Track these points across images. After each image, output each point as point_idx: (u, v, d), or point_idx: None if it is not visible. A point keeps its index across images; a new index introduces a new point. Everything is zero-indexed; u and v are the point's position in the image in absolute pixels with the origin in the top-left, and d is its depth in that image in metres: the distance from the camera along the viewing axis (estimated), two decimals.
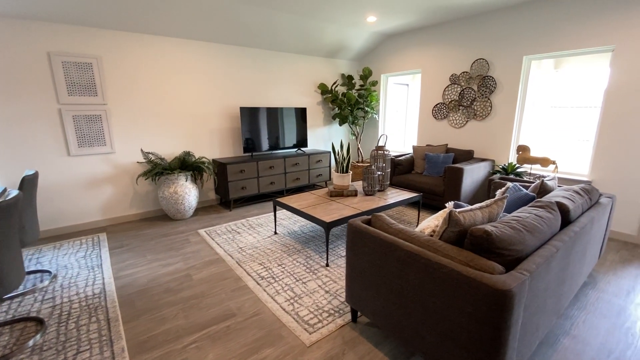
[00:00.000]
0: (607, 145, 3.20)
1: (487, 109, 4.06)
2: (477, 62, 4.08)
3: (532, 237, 1.48)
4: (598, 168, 3.28)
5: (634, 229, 3.13)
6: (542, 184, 2.25)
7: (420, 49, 4.73)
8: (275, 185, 4.49)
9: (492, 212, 1.65)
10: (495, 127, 4.04)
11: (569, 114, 4.75)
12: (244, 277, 2.49)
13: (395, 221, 1.79)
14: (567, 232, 1.66)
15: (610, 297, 2.24)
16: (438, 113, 4.64)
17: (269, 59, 4.64)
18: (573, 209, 1.86)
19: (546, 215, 1.67)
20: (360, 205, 3.02)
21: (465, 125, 4.35)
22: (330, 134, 5.68)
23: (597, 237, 2.15)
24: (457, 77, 4.32)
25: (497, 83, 3.94)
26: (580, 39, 3.24)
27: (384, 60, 5.30)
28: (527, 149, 3.41)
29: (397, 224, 1.75)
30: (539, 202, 1.82)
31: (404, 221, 3.73)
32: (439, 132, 4.69)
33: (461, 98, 4.31)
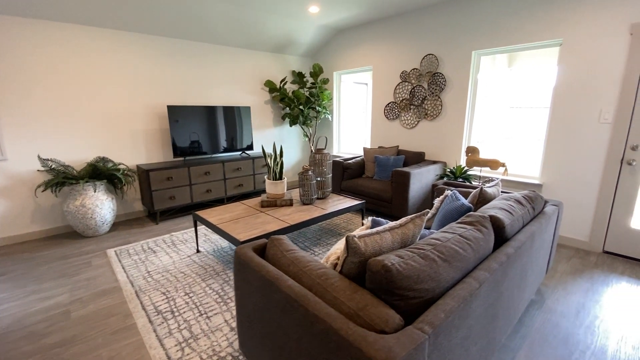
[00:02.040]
0: (557, 146, 3.00)
1: (437, 108, 3.81)
2: (426, 58, 3.82)
3: (450, 269, 1.15)
4: (548, 170, 3.08)
5: (586, 234, 2.94)
6: (481, 192, 1.95)
7: (370, 44, 4.43)
8: (212, 194, 4.02)
9: (406, 233, 1.30)
10: (446, 127, 3.79)
11: (524, 114, 4.65)
12: (136, 313, 2.02)
13: (294, 246, 1.41)
14: (498, 256, 1.34)
15: (559, 318, 1.98)
16: (390, 113, 4.35)
17: (206, 53, 4.17)
18: (510, 223, 1.56)
19: (474, 235, 1.35)
20: (292, 218, 2.63)
21: (417, 126, 4.08)
22: (282, 136, 5.27)
23: (541, 252, 1.88)
24: (407, 75, 4.04)
25: (447, 80, 3.69)
26: (529, 32, 3.04)
27: (335, 56, 4.97)
28: (476, 151, 3.17)
29: (295, 251, 1.37)
30: (469, 217, 1.50)
31: (350, 231, 3.38)
32: (391, 133, 4.40)
33: (412, 97, 4.04)
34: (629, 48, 2.54)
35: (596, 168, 2.80)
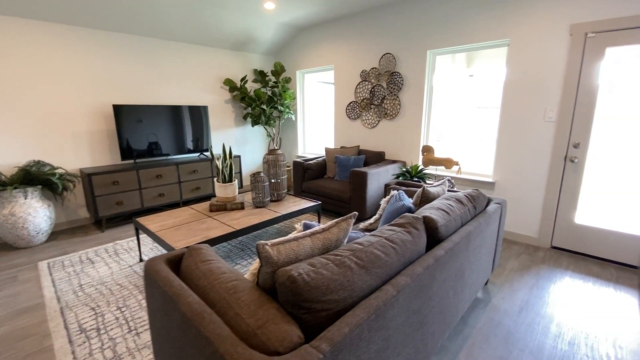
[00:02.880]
0: (507, 145, 3.06)
1: (396, 107, 3.80)
2: (384, 57, 3.80)
3: (367, 276, 1.08)
4: (500, 169, 3.13)
5: (535, 230, 3.01)
6: (424, 192, 1.92)
7: (331, 43, 4.37)
8: (166, 198, 3.81)
9: (329, 238, 1.22)
10: (404, 126, 3.79)
11: (488, 114, 4.76)
12: (56, 333, 1.83)
13: (213, 256, 1.30)
14: (426, 259, 1.29)
15: (502, 317, 1.98)
16: (351, 112, 4.31)
17: (159, 49, 3.95)
18: (444, 224, 1.52)
19: (401, 238, 1.29)
20: (240, 222, 2.51)
21: (377, 125, 4.06)
22: (245, 136, 5.11)
23: (482, 251, 1.87)
24: (367, 74, 4.02)
25: (405, 79, 3.69)
26: (478, 32, 3.07)
27: (298, 55, 4.87)
28: (431, 150, 3.17)
29: (211, 262, 1.25)
30: (402, 219, 1.45)
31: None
32: (353, 132, 4.36)
33: (372, 96, 4.01)
34: (569, 49, 2.61)
35: (543, 165, 2.87)
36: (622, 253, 2.60)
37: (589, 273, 2.50)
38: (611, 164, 2.62)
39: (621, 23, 2.35)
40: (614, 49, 2.44)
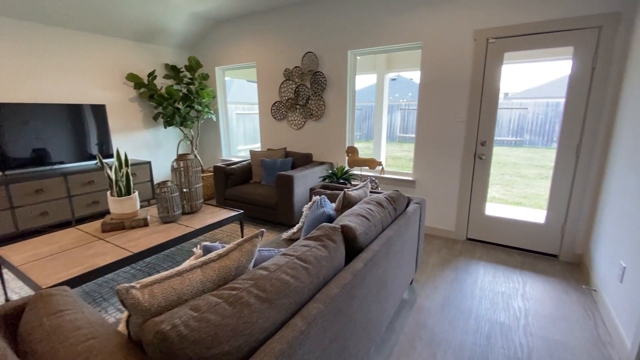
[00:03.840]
0: (424, 144, 3.17)
1: (321, 107, 3.71)
2: (307, 55, 3.68)
3: (272, 310, 0.88)
4: (420, 167, 3.25)
5: (452, 224, 3.18)
6: (345, 196, 1.81)
7: (253, 39, 4.10)
8: (51, 217, 3.12)
9: (227, 266, 1.00)
10: (330, 127, 3.72)
11: (405, 115, 5.04)
12: None
13: (71, 306, 0.96)
14: (342, 277, 1.15)
15: (427, 317, 1.98)
16: (277, 113, 4.10)
17: (39, 37, 3.21)
18: (364, 231, 1.41)
19: (315, 255, 1.12)
20: (141, 243, 2.11)
21: (304, 126, 3.93)
22: (157, 139, 4.53)
23: (404, 254, 1.83)
24: (291, 73, 3.85)
25: (328, 79, 3.61)
26: (395, 34, 3.13)
27: (216, 50, 4.48)
28: (355, 151, 3.14)
29: (68, 312, 0.92)
30: (319, 230, 1.29)
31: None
32: (280, 134, 4.16)
33: (297, 96, 3.86)
34: (474, 53, 2.79)
35: (456, 163, 3.04)
36: (522, 240, 2.88)
37: (498, 261, 2.70)
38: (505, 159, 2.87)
39: (515, 30, 2.58)
40: (511, 54, 2.66)
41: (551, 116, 10.11)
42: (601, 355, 1.65)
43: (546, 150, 9.95)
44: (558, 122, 10.01)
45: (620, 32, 2.25)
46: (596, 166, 2.49)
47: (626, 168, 1.96)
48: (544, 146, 10.41)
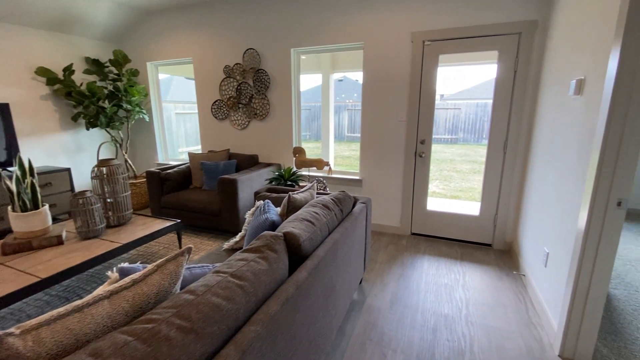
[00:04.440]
0: (369, 143, 3.21)
1: (265, 107, 3.57)
2: (248, 52, 3.51)
3: (198, 343, 0.75)
4: (366, 166, 3.28)
5: (398, 220, 3.27)
6: (290, 200, 1.71)
7: (188, 32, 3.80)
8: None
9: (144, 293, 0.84)
10: (275, 127, 3.60)
11: (353, 115, 5.08)
12: None
13: None
14: (285, 290, 1.05)
15: (376, 316, 1.97)
16: (218, 112, 3.86)
17: None
18: (309, 237, 1.33)
19: (254, 269, 1.01)
20: (52, 265, 1.79)
21: (248, 126, 3.75)
22: (79, 143, 3.98)
23: (351, 255, 1.79)
24: (231, 70, 3.64)
25: (271, 78, 3.49)
26: (337, 34, 3.11)
27: (148, 44, 4.08)
28: (302, 151, 3.07)
29: None
30: (259, 240, 1.18)
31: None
32: (222, 134, 3.92)
33: (239, 94, 3.66)
34: (411, 54, 2.88)
35: (399, 161, 3.13)
36: (461, 232, 3.06)
37: (440, 254, 2.83)
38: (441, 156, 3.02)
39: (448, 33, 2.71)
40: (445, 56, 2.80)
41: (480, 115, 11.12)
42: (532, 337, 1.78)
43: (477, 146, 10.91)
44: (487, 121, 11.06)
45: (537, 38, 2.48)
46: (520, 161, 2.73)
47: (545, 162, 2.16)
48: (475, 143, 11.41)
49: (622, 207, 1.41)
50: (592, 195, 1.45)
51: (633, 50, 1.29)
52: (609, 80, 1.38)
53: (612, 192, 1.42)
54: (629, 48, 1.30)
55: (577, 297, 1.56)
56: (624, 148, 1.37)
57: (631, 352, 1.66)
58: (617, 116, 1.36)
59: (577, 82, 1.70)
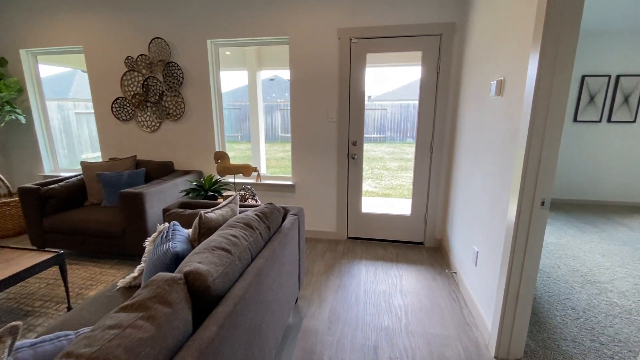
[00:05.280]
0: (300, 144, 3.00)
1: (180, 106, 3.10)
2: (155, 42, 3.00)
3: None
4: (298, 170, 3.07)
5: (334, 225, 3.13)
6: (201, 222, 1.39)
7: (78, 15, 3.10)
8: None
9: None
10: (194, 129, 3.16)
11: (284, 115, 4.81)
12: None
13: None
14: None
15: (314, 340, 1.76)
16: (121, 112, 3.25)
17: None
18: (222, 273, 1.04)
19: (130, 344, 0.69)
20: None
21: (159, 128, 3.23)
22: None
23: (283, 278, 1.55)
24: (135, 62, 3.08)
25: (185, 72, 3.04)
26: (261, 25, 2.82)
27: (20, 27, 3.24)
28: (225, 157, 2.71)
29: None
30: (146, 289, 0.86)
31: (46, 299, 2.11)
32: (128, 139, 3.32)
33: (147, 91, 3.12)
34: (339, 52, 2.74)
35: (332, 163, 2.98)
36: (395, 232, 3.05)
37: (377, 257, 2.76)
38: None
39: (374, 32, 2.64)
40: (372, 55, 2.72)
41: (405, 115, 11.86)
42: (469, 340, 1.76)
43: (403, 144, 11.62)
44: (410, 121, 11.85)
45: (456, 40, 2.55)
46: (445, 160, 2.80)
47: (470, 162, 2.20)
48: (401, 141, 12.14)
49: (545, 206, 1.43)
50: (519, 196, 1.44)
51: (551, 56, 1.30)
52: (529, 82, 1.38)
53: (536, 193, 1.42)
54: (547, 55, 1.30)
55: (509, 297, 1.56)
56: (546, 151, 1.38)
57: (554, 341, 1.74)
58: (538, 121, 1.36)
59: (498, 82, 1.72)
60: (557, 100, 1.33)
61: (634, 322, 1.89)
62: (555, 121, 1.35)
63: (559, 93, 1.32)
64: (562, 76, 1.31)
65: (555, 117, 1.35)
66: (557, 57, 1.29)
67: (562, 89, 1.32)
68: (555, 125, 1.35)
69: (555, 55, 1.30)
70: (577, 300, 2.11)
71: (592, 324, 1.87)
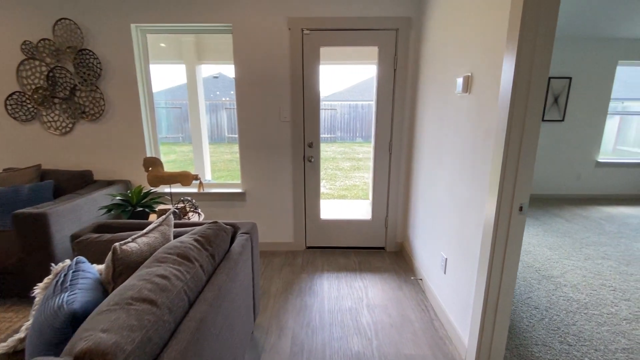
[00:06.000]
0: (249, 147, 2.67)
1: (98, 103, 2.57)
2: (62, 24, 2.43)
3: None
4: (248, 175, 2.73)
5: (291, 234, 2.86)
6: (116, 259, 1.02)
7: None
8: None
9: None
10: (118, 130, 2.64)
11: (232, 115, 4.35)
12: None
13: None
14: None
15: None
16: (19, 110, 2.60)
17: None
18: (135, 348, 0.72)
19: None
20: None
21: (73, 130, 2.65)
22: None
23: (234, 316, 1.24)
24: (35, 48, 2.47)
25: (104, 63, 2.52)
26: (198, 11, 2.43)
27: None
28: (157, 163, 2.27)
29: None
30: None
31: None
32: (30, 143, 2.67)
33: (53, 85, 2.53)
34: (290, 44, 2.47)
35: (287, 167, 2.71)
36: (356, 238, 2.88)
37: (339, 267, 2.56)
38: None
39: (328, 23, 2.41)
40: (326, 51, 2.50)
41: (354, 115, 11.98)
42: (444, 356, 1.62)
43: (353, 144, 11.73)
44: (359, 121, 12.00)
45: (413, 35, 2.44)
46: (405, 161, 2.69)
47: (434, 163, 2.09)
48: (351, 141, 12.25)
49: (523, 212, 1.33)
50: (497, 201, 1.32)
51: (529, 50, 1.18)
52: (506, 78, 1.25)
53: (515, 198, 1.31)
54: (525, 50, 1.18)
55: (488, 309, 1.44)
56: (524, 152, 1.27)
57: (526, 347, 1.68)
58: (517, 121, 1.24)
59: (465, 79, 1.60)
60: (535, 98, 1.22)
61: (592, 317, 1.93)
62: (533, 121, 1.24)
63: (537, 90, 1.22)
64: (541, 71, 1.20)
65: (533, 117, 1.24)
66: (535, 51, 1.18)
67: (540, 85, 1.21)
68: (533, 125, 1.25)
69: (534, 49, 1.18)
70: (537, 299, 2.12)
71: (556, 324, 1.86)
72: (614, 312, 1.98)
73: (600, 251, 2.84)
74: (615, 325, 1.85)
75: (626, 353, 1.63)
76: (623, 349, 1.66)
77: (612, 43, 4.17)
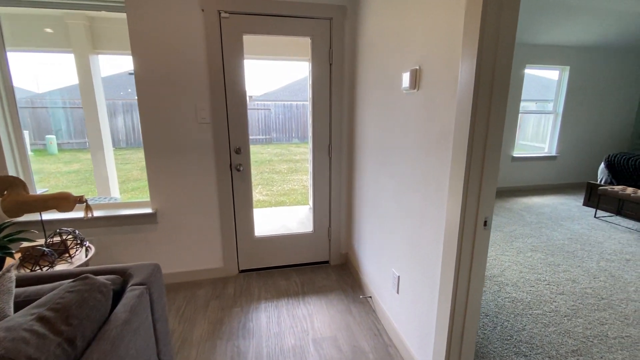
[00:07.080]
0: (157, 155, 2.15)
1: None
2: None
3: None
4: (159, 191, 2.20)
5: (219, 258, 2.41)
6: None
7: None
8: None
9: None
10: None
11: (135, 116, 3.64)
12: None
13: None
14: None
15: None
16: None
17: None
18: None
19: None
20: None
21: None
22: None
23: None
24: None
25: None
26: None
27: None
28: (19, 184, 1.63)
29: None
30: None
31: None
32: None
33: None
34: (205, 30, 2.03)
35: (210, 178, 2.25)
36: (297, 255, 2.55)
37: (279, 292, 2.20)
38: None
39: (251, 6, 2.03)
40: (250, 38, 2.12)
41: (289, 116, 11.65)
42: None
43: (289, 145, 11.40)
44: (295, 121, 11.72)
45: (348, 26, 2.19)
46: (346, 165, 2.45)
47: (376, 169, 1.87)
48: (287, 142, 11.90)
49: (488, 226, 1.15)
50: (460, 216, 1.11)
51: (490, 54, 0.98)
52: (466, 69, 1.04)
53: (479, 212, 1.12)
54: (486, 50, 0.98)
55: (454, 337, 1.24)
56: (489, 160, 1.08)
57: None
58: (480, 123, 1.04)
59: (412, 73, 1.38)
60: (499, 95, 1.04)
61: (537, 317, 1.91)
62: (497, 123, 1.06)
63: (501, 85, 1.03)
64: (505, 62, 1.01)
65: (497, 117, 1.05)
66: (499, 34, 0.99)
67: (504, 79, 1.03)
68: (497, 127, 1.06)
69: (497, 31, 0.99)
70: (485, 304, 2.05)
71: (508, 332, 1.79)
72: (554, 308, 2.00)
73: (527, 243, 2.99)
74: (559, 325, 1.84)
75: (576, 356, 1.61)
76: (572, 351, 1.64)
77: (519, 48, 4.56)
